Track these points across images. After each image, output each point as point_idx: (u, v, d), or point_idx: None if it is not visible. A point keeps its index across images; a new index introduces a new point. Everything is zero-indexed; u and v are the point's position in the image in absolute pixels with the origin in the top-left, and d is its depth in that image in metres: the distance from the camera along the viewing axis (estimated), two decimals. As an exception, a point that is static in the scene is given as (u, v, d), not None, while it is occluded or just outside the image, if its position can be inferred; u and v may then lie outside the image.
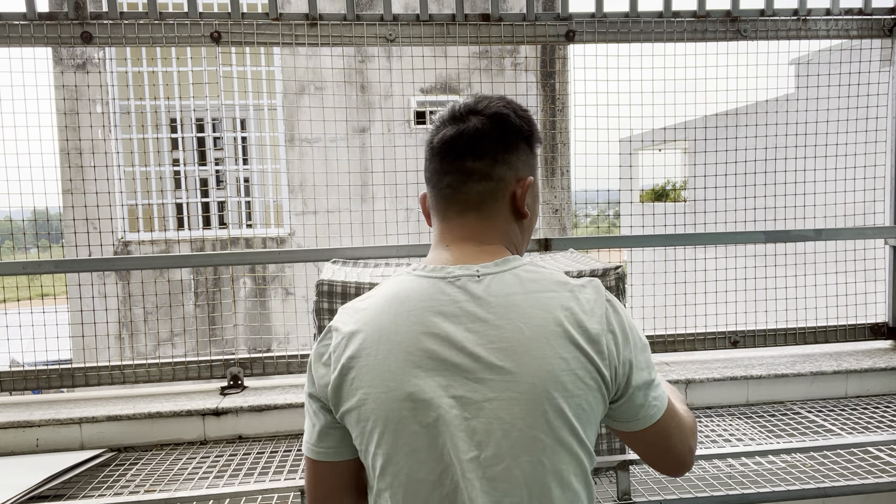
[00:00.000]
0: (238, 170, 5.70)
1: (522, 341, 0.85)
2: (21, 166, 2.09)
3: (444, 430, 0.84)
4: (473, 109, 0.96)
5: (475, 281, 0.89)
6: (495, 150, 0.94)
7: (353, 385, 0.87)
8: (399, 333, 0.87)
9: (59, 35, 1.96)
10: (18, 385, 2.02)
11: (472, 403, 0.84)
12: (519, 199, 0.96)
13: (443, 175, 0.96)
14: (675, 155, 5.86)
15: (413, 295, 0.89)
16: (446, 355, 0.85)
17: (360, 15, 2.05)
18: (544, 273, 0.92)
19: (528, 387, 0.84)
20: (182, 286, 2.95)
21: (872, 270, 2.35)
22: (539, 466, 0.85)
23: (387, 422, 0.85)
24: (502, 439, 0.84)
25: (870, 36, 2.27)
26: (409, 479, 0.86)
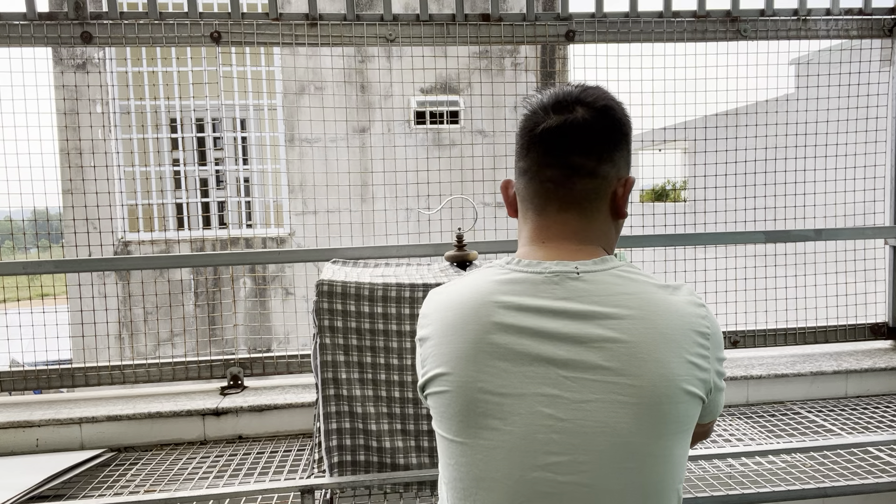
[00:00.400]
0: (238, 170, 5.70)
1: (629, 343, 0.81)
2: (21, 166, 2.09)
3: (528, 428, 0.80)
4: (580, 100, 0.89)
5: (573, 278, 0.85)
6: (602, 146, 0.89)
7: (431, 371, 0.86)
8: (475, 323, 0.83)
9: (59, 35, 1.96)
10: (18, 385, 2.02)
11: (566, 403, 0.80)
12: (620, 199, 0.92)
13: (544, 168, 0.89)
14: (675, 155, 5.86)
15: (497, 289, 0.85)
16: (537, 351, 0.81)
17: (360, 15, 2.05)
18: (641, 275, 0.88)
19: (635, 390, 0.79)
20: (182, 286, 2.95)
21: (872, 270, 2.35)
22: (638, 475, 0.80)
23: (465, 412, 0.83)
24: (601, 444, 0.79)
25: (870, 36, 2.27)
26: (484, 476, 0.82)
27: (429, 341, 0.88)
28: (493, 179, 2.24)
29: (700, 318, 0.85)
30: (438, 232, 2.12)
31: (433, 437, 1.51)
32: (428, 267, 1.74)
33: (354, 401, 1.49)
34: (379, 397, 1.49)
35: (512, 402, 0.81)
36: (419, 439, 1.51)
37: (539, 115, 0.90)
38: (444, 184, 2.24)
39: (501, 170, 2.22)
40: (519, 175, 0.93)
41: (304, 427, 1.94)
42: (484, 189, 2.20)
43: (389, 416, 1.50)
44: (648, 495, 0.81)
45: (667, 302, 0.84)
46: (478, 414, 0.82)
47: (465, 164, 2.26)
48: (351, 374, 1.48)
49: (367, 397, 1.49)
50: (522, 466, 0.80)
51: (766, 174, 2.39)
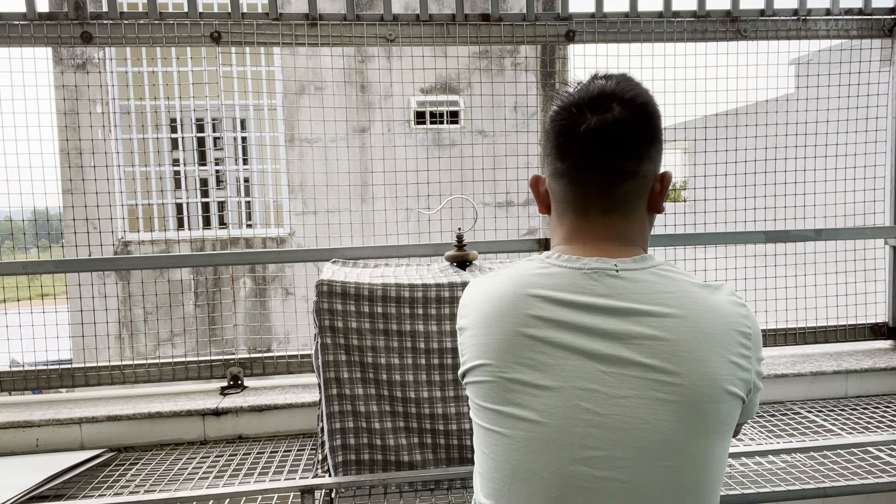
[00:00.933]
0: (238, 170, 5.70)
1: (670, 341, 0.80)
2: (21, 166, 2.09)
3: (566, 421, 0.80)
4: (616, 95, 0.87)
5: (613, 276, 0.84)
6: (642, 146, 0.88)
7: (471, 361, 0.87)
8: (519, 316, 0.83)
9: (59, 35, 1.96)
10: (18, 385, 2.02)
11: (604, 398, 0.79)
12: (658, 196, 0.91)
13: (587, 172, 0.87)
14: (675, 155, 5.86)
15: (536, 282, 0.85)
16: (575, 344, 0.81)
17: (360, 15, 2.05)
18: (681, 273, 0.88)
19: (676, 388, 0.79)
20: (182, 286, 2.95)
21: (872, 270, 2.35)
22: (676, 473, 0.80)
23: (504, 402, 0.82)
24: (640, 440, 0.79)
25: (870, 36, 2.27)
26: (520, 467, 0.81)
27: (467, 331, 0.89)
28: (493, 179, 2.24)
29: (742, 317, 0.85)
30: (438, 232, 2.12)
31: (437, 434, 1.51)
32: (427, 267, 1.74)
33: (357, 400, 1.49)
34: (381, 396, 1.49)
35: (549, 395, 0.80)
36: (422, 436, 1.52)
37: (574, 113, 0.87)
38: (444, 184, 2.24)
39: (501, 170, 2.22)
40: (556, 176, 0.90)
41: (305, 427, 1.94)
42: (484, 189, 2.20)
43: (392, 415, 1.50)
44: (688, 495, 0.81)
45: (708, 301, 0.84)
46: (515, 405, 0.81)
47: (465, 164, 2.26)
48: (353, 373, 1.48)
49: (370, 396, 1.49)
50: (559, 460, 0.80)
51: (766, 174, 2.39)
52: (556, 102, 0.91)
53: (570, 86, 0.90)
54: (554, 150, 0.90)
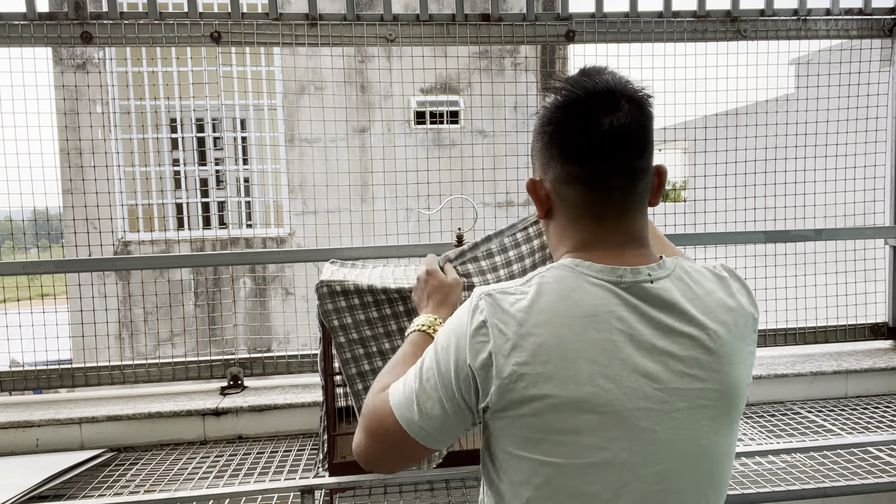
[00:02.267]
0: (238, 170, 5.70)
1: (709, 349, 0.82)
2: (21, 166, 2.09)
3: (629, 442, 0.79)
4: (623, 93, 0.84)
5: (649, 286, 0.82)
6: (649, 143, 0.86)
7: (524, 391, 0.79)
8: (578, 340, 0.79)
9: (59, 35, 1.96)
10: (18, 385, 2.02)
11: (659, 414, 0.79)
12: (657, 190, 0.90)
13: (609, 174, 0.84)
14: (675, 155, 5.86)
15: (587, 298, 0.81)
16: (634, 363, 0.79)
17: (360, 15, 2.05)
18: (695, 271, 0.88)
19: (717, 394, 0.82)
20: (182, 286, 2.95)
21: (872, 270, 2.35)
22: (712, 472, 0.84)
23: (563, 431, 0.79)
24: (687, 449, 0.81)
25: (870, 36, 2.27)
26: (579, 493, 0.80)
27: (535, 366, 0.79)
28: (493, 179, 2.24)
29: (753, 307, 0.89)
30: (438, 232, 2.12)
31: None
32: None
33: None
34: None
35: (611, 419, 0.79)
36: None
37: (584, 115, 0.83)
38: (444, 184, 2.24)
39: (501, 170, 2.22)
40: (569, 181, 0.86)
41: (305, 427, 1.94)
42: (484, 189, 2.20)
43: None
44: (719, 486, 0.86)
45: (731, 299, 0.87)
46: (574, 432, 0.79)
47: (465, 164, 2.26)
48: (374, 363, 1.47)
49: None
50: (621, 480, 0.80)
51: (766, 174, 2.39)
52: (555, 101, 0.86)
53: (566, 82, 0.86)
54: (564, 153, 0.85)
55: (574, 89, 0.84)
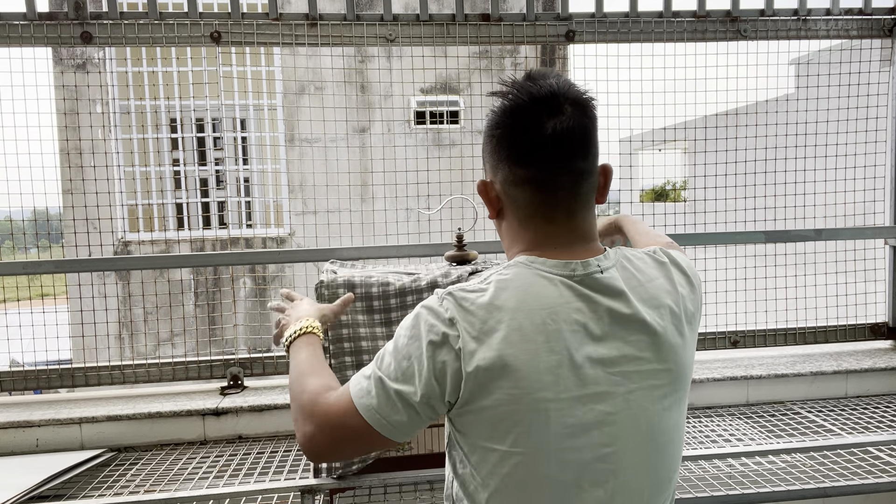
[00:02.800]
0: (238, 170, 5.70)
1: (655, 331, 0.87)
2: (21, 166, 2.09)
3: (590, 427, 0.83)
4: (566, 96, 0.87)
5: (599, 276, 0.87)
6: (594, 144, 0.90)
7: (490, 384, 0.82)
8: (539, 332, 0.82)
9: (59, 35, 1.96)
10: (18, 385, 2.02)
11: (616, 396, 0.84)
12: (603, 189, 0.94)
13: (555, 175, 0.87)
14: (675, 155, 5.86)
15: (544, 292, 0.84)
16: (590, 350, 0.83)
17: (360, 15, 2.05)
18: (635, 257, 0.93)
19: (665, 375, 0.87)
20: (182, 286, 2.95)
21: (872, 270, 2.35)
22: (668, 445, 0.89)
23: (529, 422, 0.82)
24: (643, 426, 0.86)
25: (870, 36, 2.27)
26: (546, 480, 0.83)
27: (499, 360, 0.82)
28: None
29: (691, 288, 0.94)
30: (438, 232, 2.12)
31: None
32: (426, 266, 1.73)
33: None
34: None
35: (573, 406, 0.82)
36: None
37: (529, 118, 0.86)
38: (444, 184, 2.24)
39: (501, 170, 2.21)
40: (518, 182, 0.89)
41: (304, 427, 1.93)
42: (484, 189, 2.19)
43: None
44: (673, 468, 0.92)
45: (671, 284, 0.92)
46: (539, 423, 0.82)
47: (465, 164, 2.26)
48: (360, 360, 1.47)
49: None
50: (584, 463, 0.84)
51: (766, 174, 2.39)
52: (503, 105, 0.89)
53: (513, 87, 0.89)
54: (512, 156, 0.88)
55: (519, 94, 0.87)
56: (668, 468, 0.91)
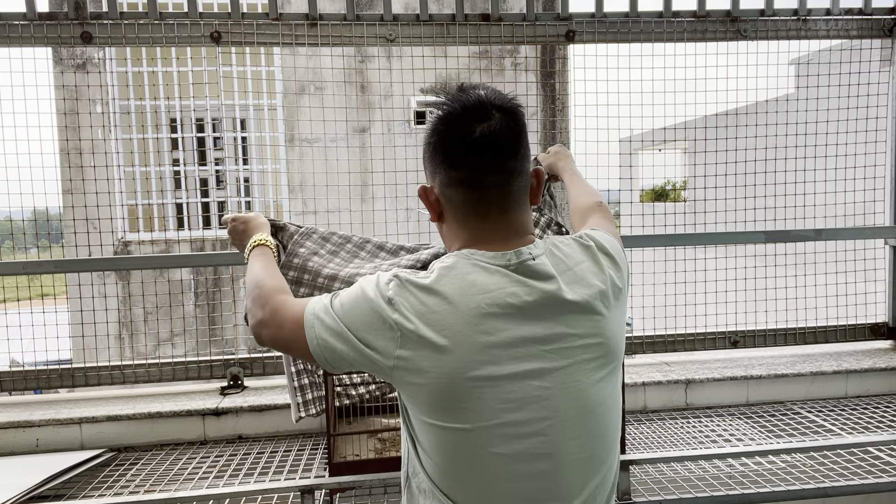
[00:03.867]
0: (238, 170, 5.70)
1: (585, 309, 0.93)
2: (21, 166, 2.09)
3: (526, 402, 0.89)
4: (494, 103, 0.95)
5: (531, 263, 0.93)
6: (522, 146, 0.97)
7: (427, 362, 0.88)
8: (475, 316, 0.88)
9: (59, 35, 1.96)
10: (18, 385, 2.02)
11: (551, 371, 0.90)
12: (535, 190, 1.01)
13: (485, 175, 0.94)
14: (675, 155, 5.86)
15: (481, 279, 0.91)
16: (524, 331, 0.89)
17: (360, 15, 2.05)
18: (562, 243, 0.98)
19: (596, 349, 0.93)
20: (182, 286, 2.95)
21: (872, 270, 2.35)
22: (604, 417, 0.94)
23: (465, 399, 0.88)
24: (580, 400, 0.91)
25: (870, 36, 2.27)
26: (486, 454, 0.89)
27: (437, 341, 0.89)
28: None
29: (615, 269, 0.98)
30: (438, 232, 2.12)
31: None
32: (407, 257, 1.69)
33: None
34: None
35: (508, 383, 0.89)
36: None
37: (461, 123, 0.94)
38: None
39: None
40: (453, 184, 0.96)
41: (305, 427, 1.94)
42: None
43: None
44: (610, 440, 0.97)
45: (596, 266, 0.97)
46: (475, 399, 0.88)
47: (465, 164, 2.25)
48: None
49: None
50: (521, 437, 0.89)
51: (766, 174, 2.39)
52: (437, 114, 0.97)
53: (446, 98, 0.97)
54: (446, 160, 0.96)
55: (452, 104, 0.96)
56: (608, 440, 0.95)
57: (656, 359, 2.29)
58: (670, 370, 2.14)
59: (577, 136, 2.27)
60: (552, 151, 1.56)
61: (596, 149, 2.23)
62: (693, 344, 2.27)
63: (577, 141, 2.27)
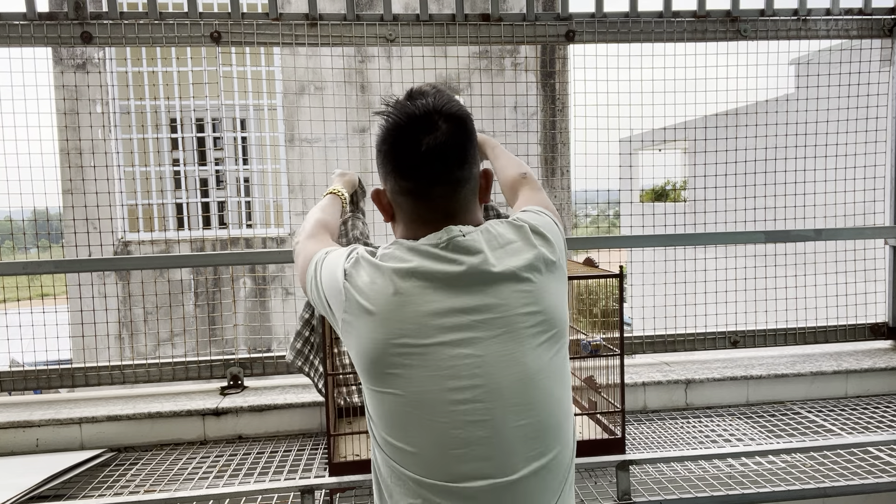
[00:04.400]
0: (238, 170, 5.70)
1: (517, 279, 0.95)
2: (21, 166, 2.09)
3: (457, 369, 0.91)
4: (439, 112, 0.96)
5: (461, 238, 0.95)
6: (469, 153, 0.99)
7: (364, 329, 0.94)
8: (405, 291, 0.93)
9: (59, 35, 1.96)
10: (18, 385, 2.02)
11: (481, 340, 0.92)
12: (484, 190, 1.04)
13: (433, 186, 0.97)
14: (675, 155, 5.87)
15: (413, 257, 0.95)
16: (453, 301, 0.92)
17: (360, 15, 2.05)
18: (502, 223, 1.01)
19: (533, 316, 0.94)
20: (182, 286, 2.95)
21: (872, 270, 2.35)
22: (540, 386, 0.95)
23: (397, 366, 0.92)
24: (515, 369, 0.93)
25: (870, 36, 2.27)
26: (420, 420, 0.92)
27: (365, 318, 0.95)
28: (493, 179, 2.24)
29: (547, 246, 0.99)
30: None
31: None
32: None
33: None
34: None
35: (439, 350, 0.92)
36: None
37: (406, 135, 0.96)
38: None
39: (501, 170, 2.21)
40: (402, 193, 1.00)
41: (304, 427, 1.94)
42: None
43: None
44: (549, 408, 0.96)
45: (527, 243, 0.98)
46: (404, 367, 0.92)
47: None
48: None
49: None
50: (454, 403, 0.91)
51: (766, 174, 2.39)
52: (383, 124, 0.99)
53: (393, 107, 0.99)
54: (395, 171, 0.99)
55: (398, 114, 0.98)
56: (555, 408, 0.95)
57: (656, 359, 2.29)
58: (670, 370, 2.14)
59: (577, 136, 2.27)
60: None
61: (596, 149, 2.23)
62: (693, 344, 2.27)
63: (577, 141, 2.27)
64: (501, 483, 0.91)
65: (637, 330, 2.32)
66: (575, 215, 5.15)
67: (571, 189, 4.66)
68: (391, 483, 0.97)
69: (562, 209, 4.93)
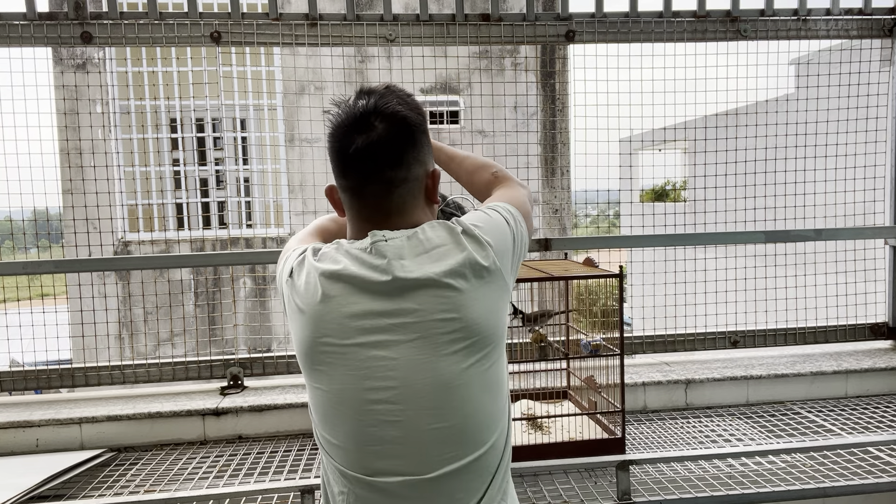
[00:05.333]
0: (238, 170, 5.70)
1: (440, 286, 0.95)
2: (21, 166, 2.09)
3: (372, 370, 0.94)
4: (377, 112, 0.98)
5: (383, 243, 0.97)
6: (407, 153, 1.00)
7: (296, 327, 0.99)
8: (327, 294, 0.96)
9: (59, 35, 1.96)
10: (18, 385, 2.02)
11: (397, 343, 0.94)
12: (431, 190, 1.05)
13: (365, 185, 1.00)
14: (675, 155, 5.86)
15: (341, 259, 0.98)
16: (371, 304, 0.95)
17: (360, 15, 2.05)
18: (436, 225, 1.01)
19: (451, 322, 0.95)
20: (182, 286, 2.95)
21: (872, 270, 2.35)
22: (455, 394, 0.96)
23: (320, 363, 0.96)
24: (427, 371, 0.94)
25: (870, 36, 2.27)
26: (338, 415, 0.96)
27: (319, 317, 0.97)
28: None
29: (479, 252, 0.97)
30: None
31: None
32: None
33: None
34: None
35: (357, 350, 0.94)
36: None
37: (343, 135, 0.98)
38: (444, 184, 2.24)
39: (501, 170, 2.21)
40: (342, 190, 1.03)
41: (305, 427, 1.94)
42: (484, 189, 2.19)
43: None
44: (466, 415, 0.96)
45: (459, 248, 0.97)
46: (326, 364, 0.95)
47: (465, 164, 2.25)
48: None
49: None
50: (367, 403, 0.94)
51: (766, 174, 2.39)
52: (328, 123, 1.02)
53: (339, 105, 1.01)
54: (336, 169, 1.02)
55: (339, 113, 1.00)
56: (475, 413, 0.96)
57: (656, 359, 2.29)
58: (670, 370, 2.14)
59: (577, 136, 2.27)
60: None
61: (596, 149, 2.23)
62: (693, 344, 2.27)
63: (577, 141, 2.27)
64: (417, 480, 0.94)
65: (637, 330, 2.32)
66: (575, 215, 5.15)
67: (571, 189, 4.66)
68: (328, 470, 1.03)
69: (562, 209, 4.93)
